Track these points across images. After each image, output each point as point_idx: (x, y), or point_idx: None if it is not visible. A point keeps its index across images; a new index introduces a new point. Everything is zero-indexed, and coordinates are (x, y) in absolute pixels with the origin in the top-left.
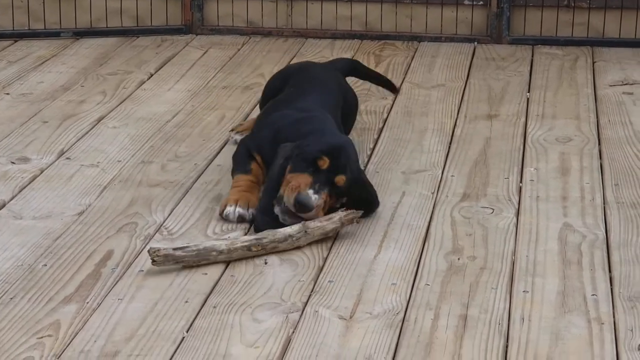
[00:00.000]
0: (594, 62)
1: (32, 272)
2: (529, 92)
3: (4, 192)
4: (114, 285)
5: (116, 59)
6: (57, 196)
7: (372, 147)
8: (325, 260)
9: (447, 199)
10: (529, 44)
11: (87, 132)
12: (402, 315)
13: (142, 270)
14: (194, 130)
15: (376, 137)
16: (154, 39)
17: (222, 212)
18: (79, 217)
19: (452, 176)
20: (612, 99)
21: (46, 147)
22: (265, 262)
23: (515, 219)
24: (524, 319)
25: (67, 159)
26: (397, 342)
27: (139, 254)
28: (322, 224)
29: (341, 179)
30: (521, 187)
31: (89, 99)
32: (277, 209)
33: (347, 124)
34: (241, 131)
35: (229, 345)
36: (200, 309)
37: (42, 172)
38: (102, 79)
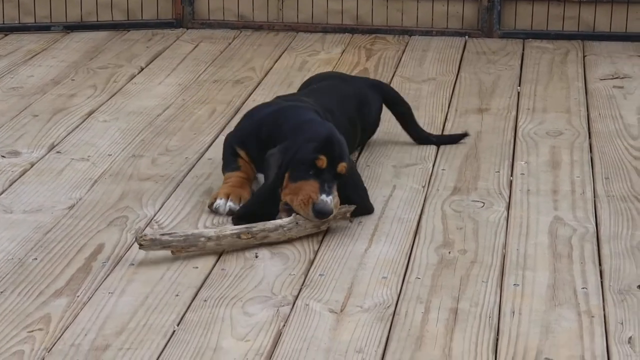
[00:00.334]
0: (584, 56)
1: (22, 266)
2: (520, 85)
3: None
4: (105, 279)
5: (107, 53)
6: (47, 190)
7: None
8: (316, 253)
9: (438, 192)
10: (520, 38)
11: (77, 126)
12: (392, 308)
13: (133, 264)
14: (185, 124)
15: None
16: (144, 33)
17: (212, 205)
18: (70, 211)
19: (443, 170)
20: (603, 93)
21: (36, 141)
22: (256, 256)
23: (505, 213)
24: (514, 312)
25: (58, 152)
26: (388, 336)
27: (129, 248)
28: None
29: (343, 167)
30: (512, 181)
31: (79, 93)
32: (285, 220)
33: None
34: None
35: (219, 338)
36: (191, 303)
37: (32, 166)
38: (93, 72)
